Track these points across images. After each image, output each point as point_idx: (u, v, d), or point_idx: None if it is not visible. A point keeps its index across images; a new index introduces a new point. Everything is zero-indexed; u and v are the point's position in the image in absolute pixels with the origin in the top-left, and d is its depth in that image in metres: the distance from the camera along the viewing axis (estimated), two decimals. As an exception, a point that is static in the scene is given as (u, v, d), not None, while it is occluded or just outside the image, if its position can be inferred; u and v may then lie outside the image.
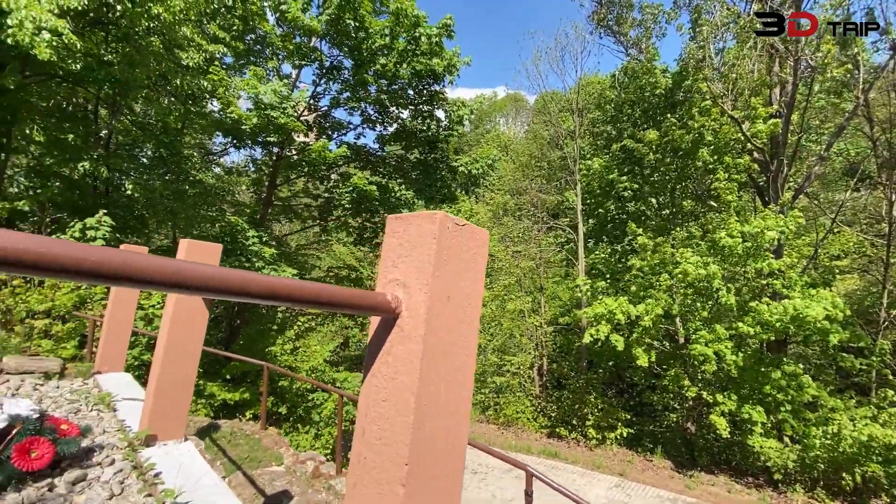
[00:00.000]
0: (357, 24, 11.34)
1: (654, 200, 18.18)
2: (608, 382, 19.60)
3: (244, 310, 13.07)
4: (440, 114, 14.47)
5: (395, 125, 14.83)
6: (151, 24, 8.30)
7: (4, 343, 5.94)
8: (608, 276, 17.31)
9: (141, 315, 8.34)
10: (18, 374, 3.86)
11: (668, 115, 16.77)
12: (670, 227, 16.67)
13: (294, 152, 13.81)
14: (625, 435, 16.13)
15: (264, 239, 11.37)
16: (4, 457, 2.12)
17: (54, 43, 6.62)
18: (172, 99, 10.81)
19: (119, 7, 7.47)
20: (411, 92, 13.63)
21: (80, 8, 6.81)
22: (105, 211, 8.47)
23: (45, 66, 8.33)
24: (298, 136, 13.57)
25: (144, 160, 11.92)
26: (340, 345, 18.66)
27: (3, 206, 8.84)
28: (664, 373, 15.63)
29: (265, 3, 11.96)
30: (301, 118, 12.86)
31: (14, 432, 2.18)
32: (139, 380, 4.77)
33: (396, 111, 14.48)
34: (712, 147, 14.98)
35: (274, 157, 13.95)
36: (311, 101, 13.78)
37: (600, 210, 19.26)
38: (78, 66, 7.61)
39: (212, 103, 12.07)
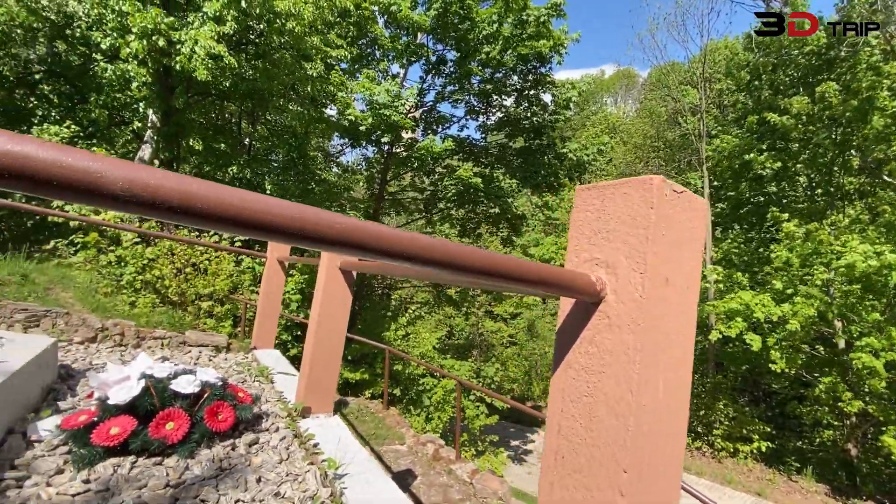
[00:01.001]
0: (463, 14, 11.36)
1: (802, 179, 15.43)
2: (740, 388, 17.34)
3: (361, 296, 14.09)
4: (546, 98, 13.91)
5: (498, 114, 14.65)
6: (283, 40, 9.23)
7: (181, 320, 7.13)
8: (743, 267, 15.16)
9: (279, 300, 9.41)
10: (197, 346, 4.57)
11: (823, 77, 14.02)
12: (826, 211, 14.01)
13: (402, 149, 14.41)
14: (763, 449, 14.13)
15: (378, 231, 12.05)
16: (199, 417, 2.46)
17: (209, 65, 7.70)
18: (298, 108, 11.99)
19: (259, 27, 8.40)
20: (516, 78, 13.30)
21: (230, 32, 7.81)
22: (249, 209, 9.68)
23: (201, 86, 9.76)
24: (406, 134, 14.12)
25: (275, 163, 13.43)
26: (446, 334, 19.21)
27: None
28: (816, 381, 13.28)
29: (374, 7, 12.60)
30: (409, 115, 13.35)
31: (205, 396, 2.53)
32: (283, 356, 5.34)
33: (500, 99, 14.27)
34: (889, 112, 12.17)
35: (385, 155, 14.71)
36: (418, 98, 14.22)
37: (731, 193, 16.92)
38: (227, 84, 8.77)
39: (330, 108, 13.11)
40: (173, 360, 3.91)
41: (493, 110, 14.58)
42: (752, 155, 14.90)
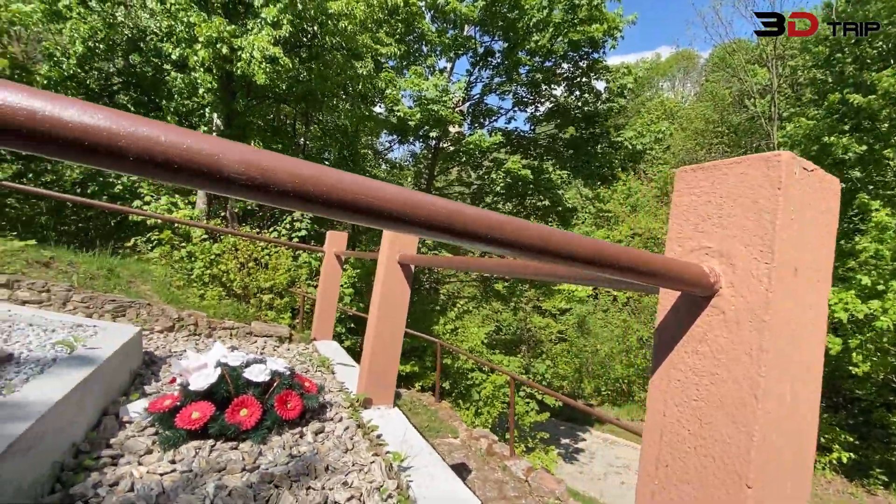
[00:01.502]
0: (512, 2, 11.12)
1: (893, 164, 13.82)
2: (816, 393, 15.92)
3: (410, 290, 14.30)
4: (599, 85, 13.35)
5: (547, 104, 14.25)
6: (335, 40, 9.45)
7: (245, 312, 7.53)
8: (820, 261, 13.83)
9: (333, 293, 9.73)
10: (262, 336, 4.80)
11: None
12: (924, 197, 12.49)
13: (449, 143, 14.39)
14: (844, 460, 12.92)
15: (427, 227, 12.16)
16: (269, 405, 2.56)
17: (267, 69, 8.02)
18: (348, 106, 12.27)
19: (312, 29, 8.64)
20: (566, 65, 12.87)
21: (286, 35, 8.09)
22: (306, 206, 10.06)
23: (260, 89, 10.21)
24: (453, 128, 14.08)
25: (327, 162, 13.83)
26: (493, 329, 19.08)
27: (241, 206, 11.22)
28: (910, 388, 11.94)
29: (421, 3, 12.60)
30: (456, 109, 13.29)
31: (275, 385, 2.63)
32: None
33: (549, 89, 13.86)
34: None
35: (432, 150, 14.77)
36: (465, 91, 14.12)
37: (807, 180, 15.43)
38: (283, 87, 9.10)
39: (380, 105, 13.30)
40: (241, 349, 4.12)
41: (542, 100, 14.20)
42: (831, 138, 13.52)
